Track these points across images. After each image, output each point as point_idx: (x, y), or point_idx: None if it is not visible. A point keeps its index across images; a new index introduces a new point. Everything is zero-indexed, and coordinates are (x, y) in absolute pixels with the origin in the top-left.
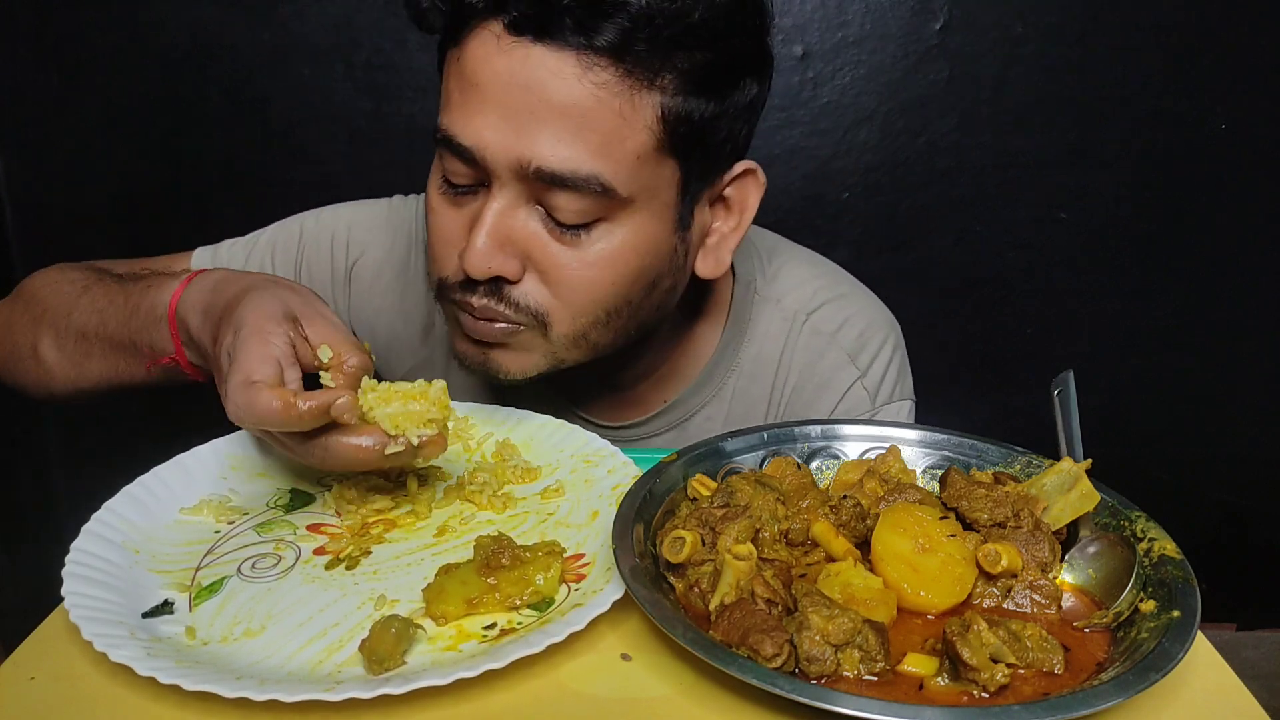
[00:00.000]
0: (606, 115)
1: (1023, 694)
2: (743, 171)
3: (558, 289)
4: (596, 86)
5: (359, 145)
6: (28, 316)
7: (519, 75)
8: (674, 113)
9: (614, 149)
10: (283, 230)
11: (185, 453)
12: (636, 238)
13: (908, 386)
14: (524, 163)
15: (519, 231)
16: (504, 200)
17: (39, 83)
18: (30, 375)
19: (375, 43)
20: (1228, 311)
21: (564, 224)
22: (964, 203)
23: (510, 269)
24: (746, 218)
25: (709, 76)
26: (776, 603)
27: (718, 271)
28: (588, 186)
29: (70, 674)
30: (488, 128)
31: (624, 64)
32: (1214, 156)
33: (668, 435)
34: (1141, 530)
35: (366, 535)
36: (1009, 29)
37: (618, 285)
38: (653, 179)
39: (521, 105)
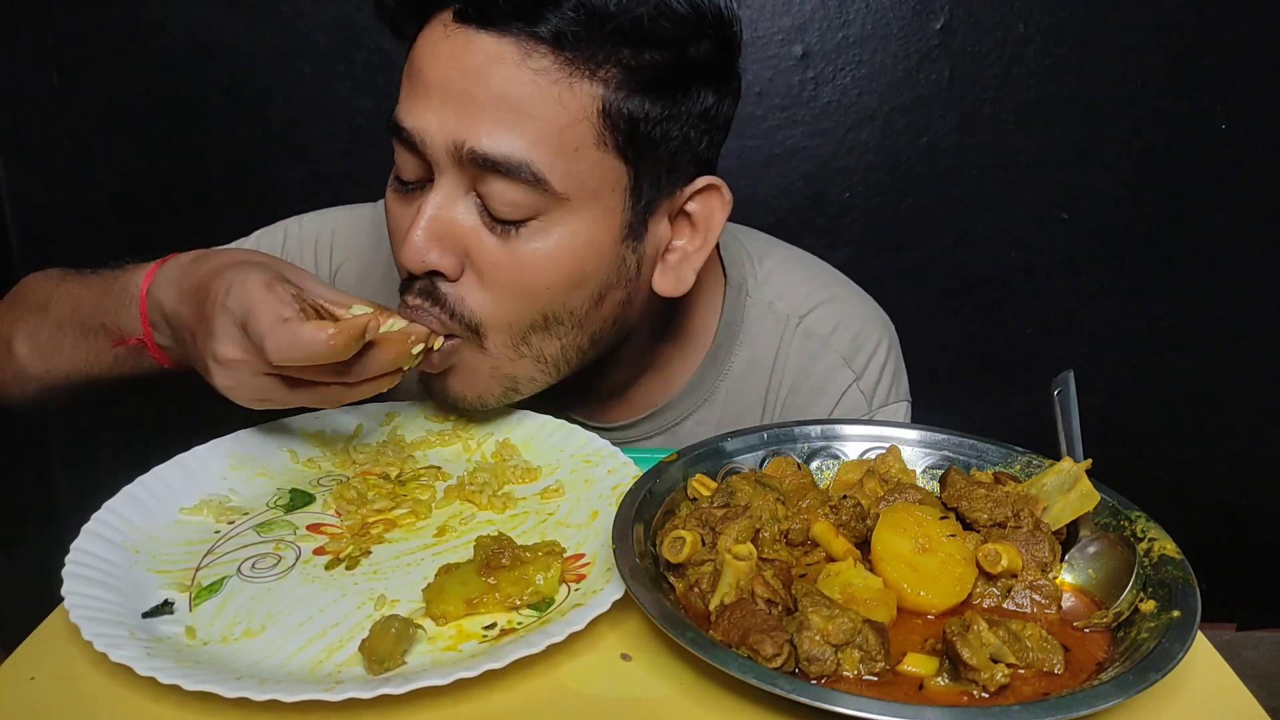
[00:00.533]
0: (545, 102)
1: (1023, 694)
2: (705, 186)
3: (492, 288)
4: (535, 73)
5: (359, 144)
6: (8, 317)
7: (459, 60)
8: (615, 108)
9: (551, 138)
10: (266, 236)
11: (185, 453)
12: (574, 240)
13: (903, 388)
14: (459, 144)
15: (457, 225)
16: (443, 191)
17: (39, 83)
18: (6, 373)
19: (375, 42)
20: (1228, 311)
21: (498, 218)
22: (965, 202)
23: (447, 265)
24: (711, 236)
25: (657, 77)
26: (776, 603)
27: (679, 290)
28: (521, 174)
29: (70, 674)
30: (429, 111)
31: (564, 52)
32: (1214, 156)
33: (659, 439)
34: (1141, 530)
35: (366, 535)
36: (1011, 29)
37: (553, 289)
38: (593, 177)
39: (461, 90)
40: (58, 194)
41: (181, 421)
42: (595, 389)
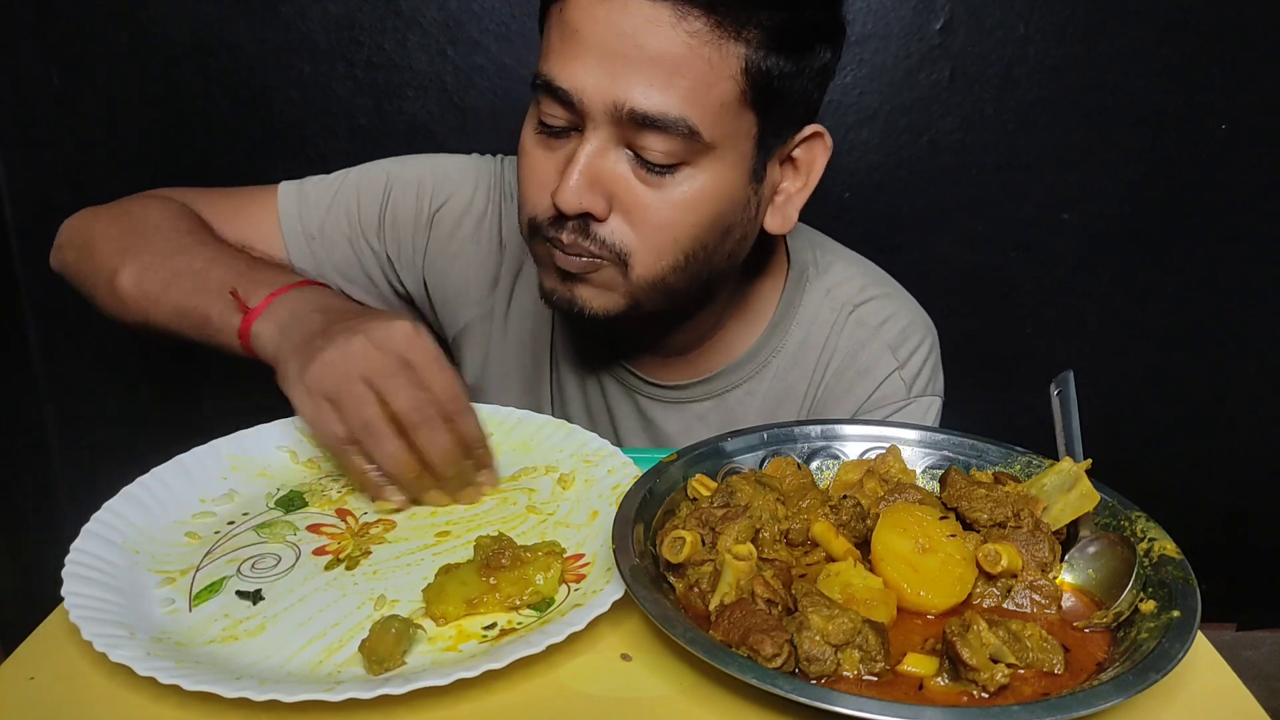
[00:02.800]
0: (696, 63)
1: (1023, 694)
2: (812, 134)
3: (641, 228)
4: (689, 35)
5: (360, 144)
6: (119, 241)
7: (617, 23)
8: (756, 66)
9: (701, 95)
10: (367, 174)
11: (185, 453)
12: (716, 183)
13: (939, 385)
14: (619, 105)
15: (608, 172)
16: (596, 142)
17: (40, 82)
18: (102, 297)
19: (376, 41)
20: (1228, 311)
21: (652, 165)
22: (965, 203)
23: (598, 207)
24: (813, 179)
25: (789, 36)
26: (776, 603)
27: (785, 228)
28: (676, 129)
29: (70, 674)
30: (585, 72)
31: (715, 15)
32: (1214, 156)
33: (707, 404)
34: (1141, 530)
35: (366, 535)
36: (1012, 29)
37: (697, 228)
38: (733, 128)
39: (618, 51)
40: (58, 193)
41: (182, 422)
42: (664, 344)
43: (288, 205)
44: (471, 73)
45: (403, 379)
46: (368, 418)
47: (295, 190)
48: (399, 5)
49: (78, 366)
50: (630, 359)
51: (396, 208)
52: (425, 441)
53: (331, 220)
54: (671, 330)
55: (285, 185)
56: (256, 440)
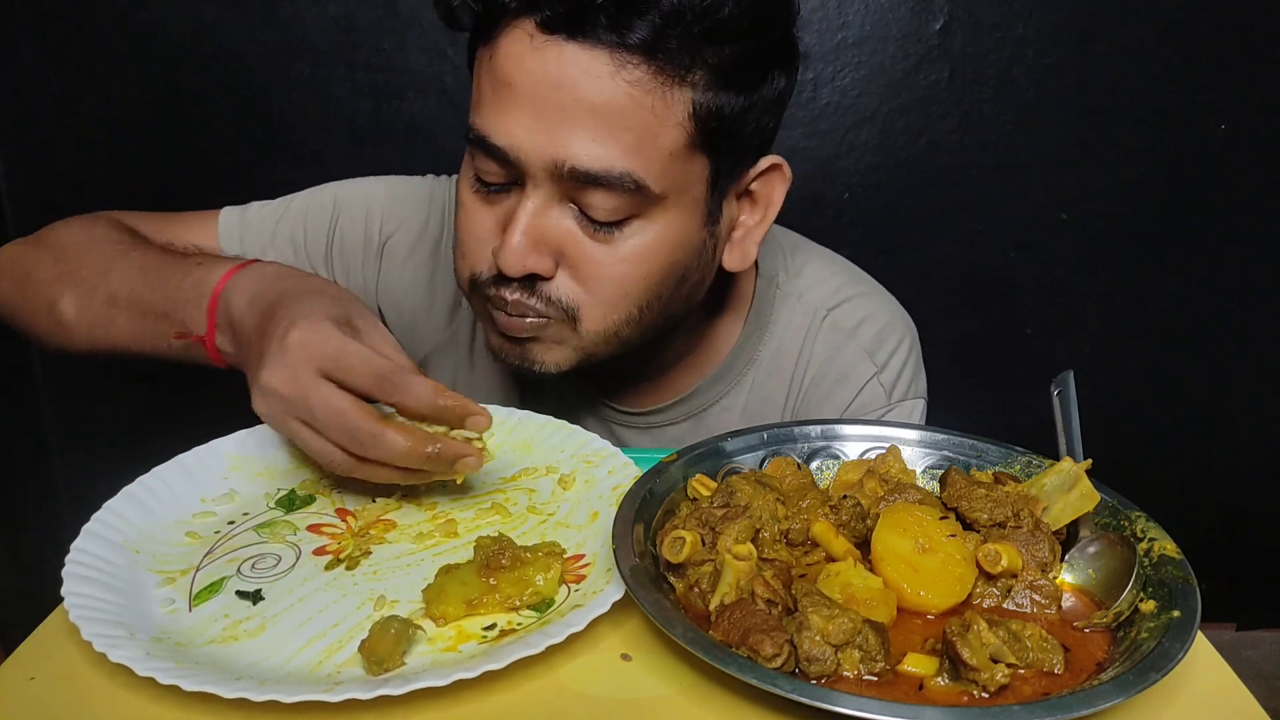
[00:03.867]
0: (640, 113)
1: (1023, 694)
2: (769, 166)
3: (590, 284)
4: (629, 85)
5: (359, 145)
6: (52, 270)
7: (552, 74)
8: (705, 108)
9: (647, 147)
10: (314, 198)
11: (185, 453)
12: (669, 233)
13: (921, 385)
14: (559, 163)
15: (552, 230)
16: (538, 200)
17: (39, 83)
18: (44, 330)
19: (375, 43)
20: (1228, 311)
21: (597, 221)
22: (965, 203)
23: (544, 266)
24: (772, 211)
25: (738, 70)
26: (776, 603)
27: (744, 264)
28: (621, 185)
29: (70, 674)
30: (520, 128)
31: (656, 61)
32: (1214, 156)
33: (685, 424)
34: (1141, 530)
35: (367, 535)
36: (1010, 30)
37: (649, 280)
38: (684, 175)
39: (554, 104)
40: (58, 194)
41: (182, 421)
42: (632, 373)
43: (229, 232)
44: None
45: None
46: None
47: (238, 216)
48: (398, 7)
49: (78, 367)
50: (602, 387)
51: (344, 236)
52: (380, 457)
53: (275, 248)
54: (635, 361)
55: (227, 211)
56: (256, 440)
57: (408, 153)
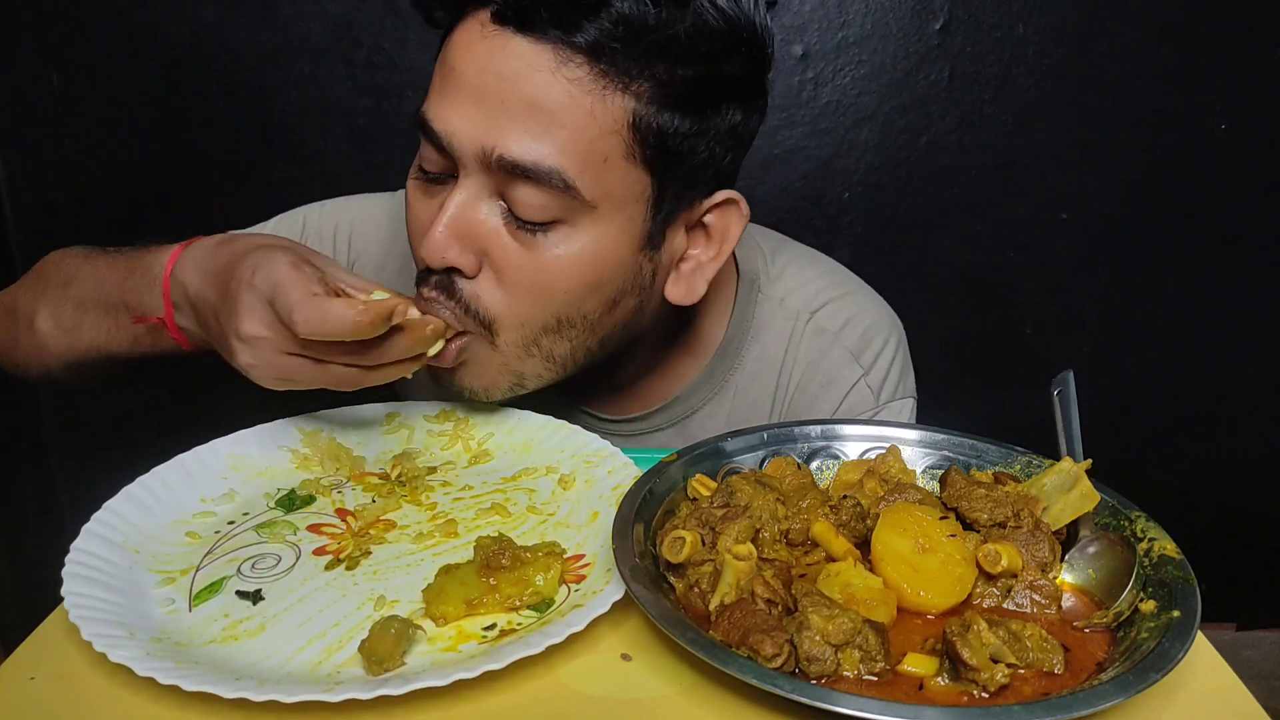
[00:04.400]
0: (577, 112)
1: (1023, 694)
2: (724, 200)
3: (509, 288)
4: (569, 82)
5: (360, 144)
6: (31, 294)
7: (495, 64)
8: (645, 122)
9: (581, 147)
10: (285, 222)
11: (185, 453)
12: (597, 246)
13: (910, 384)
14: (488, 150)
15: (479, 225)
16: (468, 191)
17: (39, 83)
18: (28, 351)
19: (375, 41)
20: (1228, 311)
21: (523, 220)
22: (965, 203)
23: (465, 262)
24: (726, 247)
25: (689, 93)
26: (776, 603)
27: (690, 299)
28: (550, 181)
29: (70, 674)
30: (459, 114)
31: (599, 64)
32: (1214, 156)
33: (669, 431)
34: (1141, 530)
35: (366, 535)
36: (1010, 29)
37: (570, 293)
38: (619, 187)
39: (494, 93)
40: (58, 194)
41: (182, 421)
42: (605, 383)
43: None
44: None
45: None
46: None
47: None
48: (398, 5)
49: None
50: (582, 398)
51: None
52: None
53: None
54: (606, 369)
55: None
56: (256, 440)
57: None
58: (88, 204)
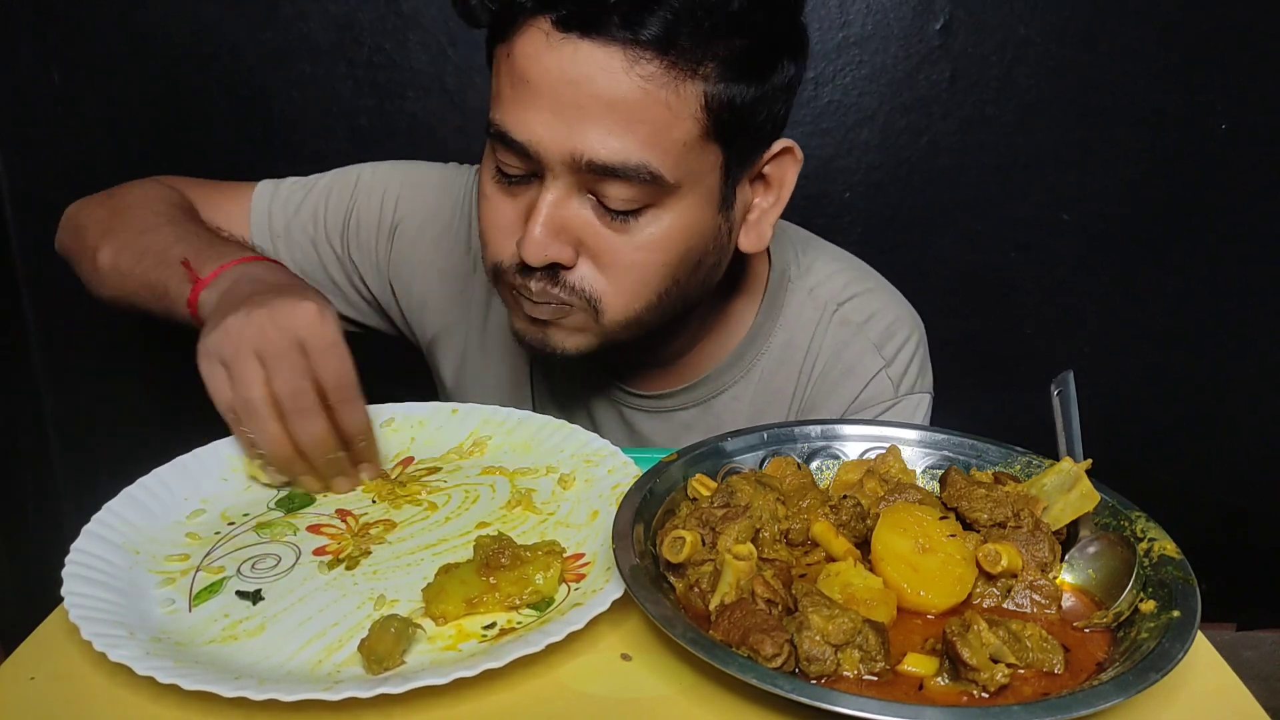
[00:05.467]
0: (653, 107)
1: (1023, 694)
2: (781, 150)
3: (610, 272)
4: (643, 79)
5: (361, 144)
6: (102, 225)
7: (568, 71)
8: (717, 100)
9: (661, 139)
10: (340, 178)
11: (185, 454)
12: (684, 221)
13: (928, 381)
14: (576, 156)
15: (572, 220)
16: (557, 191)
17: (40, 82)
18: (88, 275)
19: (377, 41)
20: (1228, 311)
21: (615, 211)
22: (965, 203)
23: (565, 256)
24: (785, 193)
25: (749, 61)
26: (776, 603)
27: (760, 245)
28: (637, 176)
29: (70, 674)
30: (539, 123)
31: (669, 56)
32: (1214, 156)
33: (694, 411)
34: (1141, 530)
35: (366, 535)
36: (1012, 30)
37: (667, 267)
38: (698, 165)
39: (571, 100)
40: (58, 194)
41: (182, 421)
42: (645, 359)
43: (260, 203)
44: (472, 72)
45: (289, 361)
46: (249, 395)
47: (271, 189)
48: (399, 5)
49: (78, 367)
50: (613, 370)
51: (361, 214)
52: (297, 428)
53: (298, 222)
54: (651, 344)
55: (264, 183)
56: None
57: (409, 151)
58: None
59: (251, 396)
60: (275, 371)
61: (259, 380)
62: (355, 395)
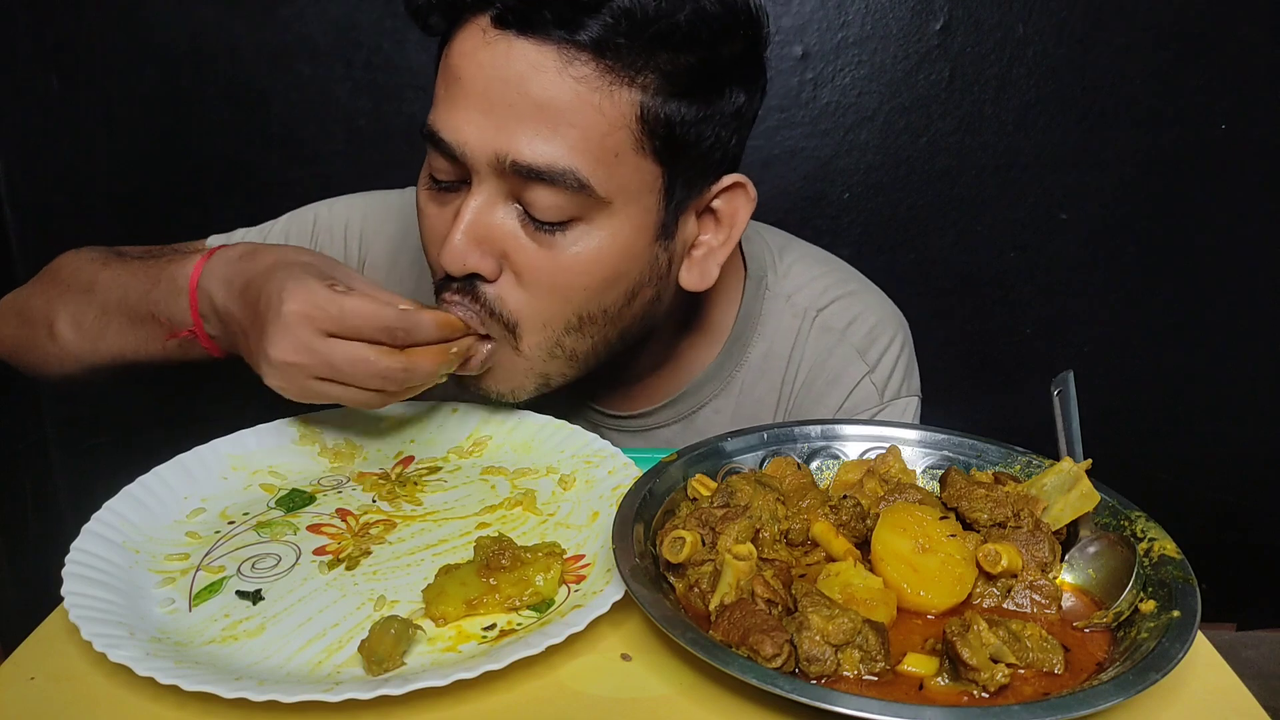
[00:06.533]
0: (585, 110)
1: (1023, 694)
2: (732, 184)
3: (531, 289)
4: (576, 81)
5: (359, 145)
6: (46, 296)
7: (500, 69)
8: (653, 113)
9: (593, 146)
10: (296, 220)
11: (185, 453)
12: (614, 241)
13: (915, 383)
14: (501, 156)
15: (496, 229)
16: (482, 197)
17: (39, 84)
18: (46, 354)
19: (375, 42)
20: (1228, 311)
21: (541, 221)
22: (965, 203)
23: (486, 267)
24: (736, 231)
25: (693, 80)
26: (776, 603)
27: (704, 284)
28: (564, 182)
29: (70, 674)
30: (468, 122)
31: (604, 60)
32: (1214, 156)
33: (674, 427)
34: (1141, 530)
35: (367, 535)
36: (1010, 30)
37: (589, 290)
38: (631, 181)
39: (501, 99)
40: (58, 194)
41: (182, 421)
42: (615, 379)
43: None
44: None
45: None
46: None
47: (222, 242)
48: (398, 6)
49: None
50: (590, 394)
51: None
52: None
53: None
54: (618, 365)
55: (213, 238)
56: (257, 440)
57: (408, 152)
58: (88, 204)
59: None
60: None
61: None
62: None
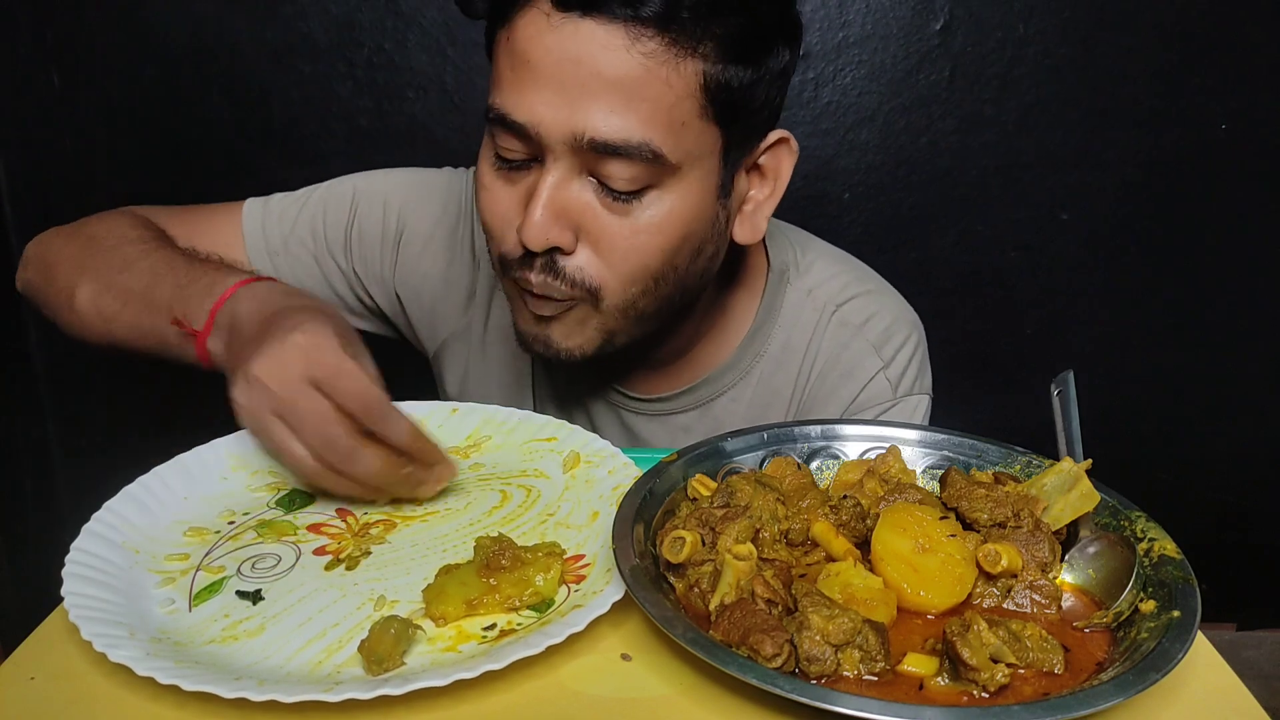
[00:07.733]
0: (654, 84)
1: (1023, 694)
2: (777, 140)
3: (610, 257)
4: (644, 56)
5: (360, 144)
6: (76, 261)
7: (569, 50)
8: (715, 80)
9: (662, 116)
10: (334, 190)
11: (185, 453)
12: (684, 204)
13: (927, 382)
14: (578, 135)
15: (573, 203)
16: (558, 173)
17: (40, 83)
18: (64, 320)
19: (376, 42)
20: (1228, 311)
21: (616, 192)
22: (965, 203)
23: (565, 240)
24: (781, 184)
25: (745, 43)
26: (776, 603)
27: (754, 237)
28: (639, 154)
29: (70, 674)
30: (541, 103)
31: (669, 33)
32: (1214, 156)
33: (693, 413)
34: (1141, 530)
35: (367, 535)
36: (1011, 29)
37: (665, 251)
38: (697, 146)
39: (573, 79)
40: (58, 194)
41: (182, 421)
42: (644, 360)
43: (252, 222)
44: (472, 73)
45: (305, 409)
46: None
47: (260, 207)
48: (399, 5)
49: (78, 367)
50: (612, 374)
51: (363, 225)
52: (350, 472)
53: (296, 237)
54: (650, 344)
55: (251, 201)
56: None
57: (408, 151)
58: (88, 204)
59: (293, 464)
60: (299, 428)
61: (289, 441)
62: (385, 411)
